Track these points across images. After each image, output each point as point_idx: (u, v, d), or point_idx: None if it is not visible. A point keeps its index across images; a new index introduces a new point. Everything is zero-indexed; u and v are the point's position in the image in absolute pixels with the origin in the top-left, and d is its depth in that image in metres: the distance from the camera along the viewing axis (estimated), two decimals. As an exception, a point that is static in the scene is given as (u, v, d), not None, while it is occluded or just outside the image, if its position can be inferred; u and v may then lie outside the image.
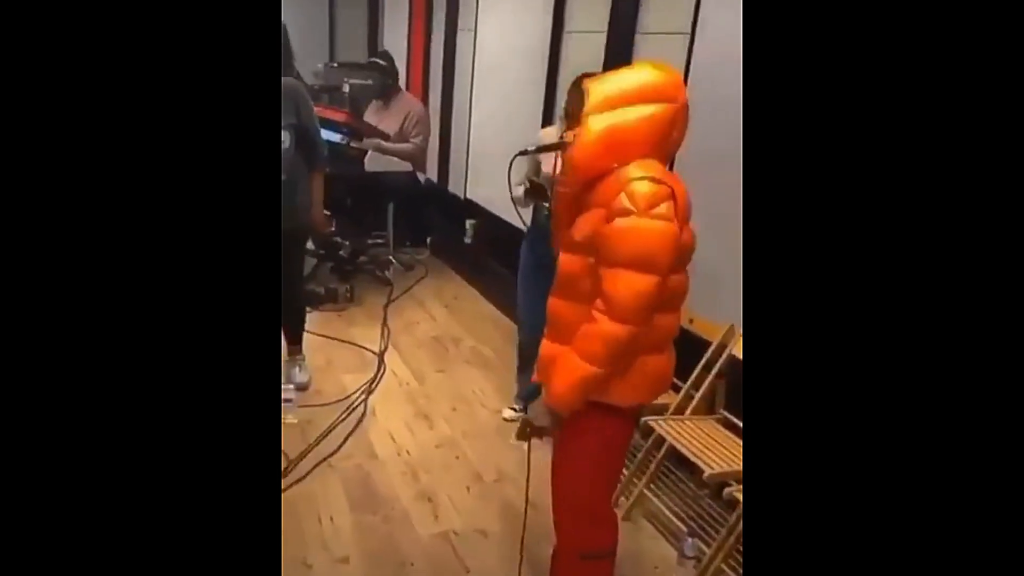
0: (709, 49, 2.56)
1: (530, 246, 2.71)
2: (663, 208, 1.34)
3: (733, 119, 2.31)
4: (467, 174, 4.94)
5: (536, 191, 2.26)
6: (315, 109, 2.93)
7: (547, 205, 2.25)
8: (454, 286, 4.57)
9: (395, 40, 5.86)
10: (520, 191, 2.31)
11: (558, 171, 1.60)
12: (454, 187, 5.15)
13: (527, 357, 2.94)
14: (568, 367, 1.45)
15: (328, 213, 4.28)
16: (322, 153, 2.94)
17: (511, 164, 1.56)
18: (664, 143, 1.42)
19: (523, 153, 1.58)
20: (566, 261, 1.52)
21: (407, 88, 5.22)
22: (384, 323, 3.84)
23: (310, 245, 3.45)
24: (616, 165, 1.39)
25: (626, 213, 1.34)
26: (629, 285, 1.35)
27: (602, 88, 1.40)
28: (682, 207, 1.39)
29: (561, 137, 1.55)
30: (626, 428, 1.64)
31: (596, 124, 1.38)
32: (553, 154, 1.64)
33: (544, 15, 3.71)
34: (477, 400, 3.14)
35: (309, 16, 6.26)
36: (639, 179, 1.35)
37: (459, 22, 4.86)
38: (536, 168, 2.50)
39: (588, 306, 1.45)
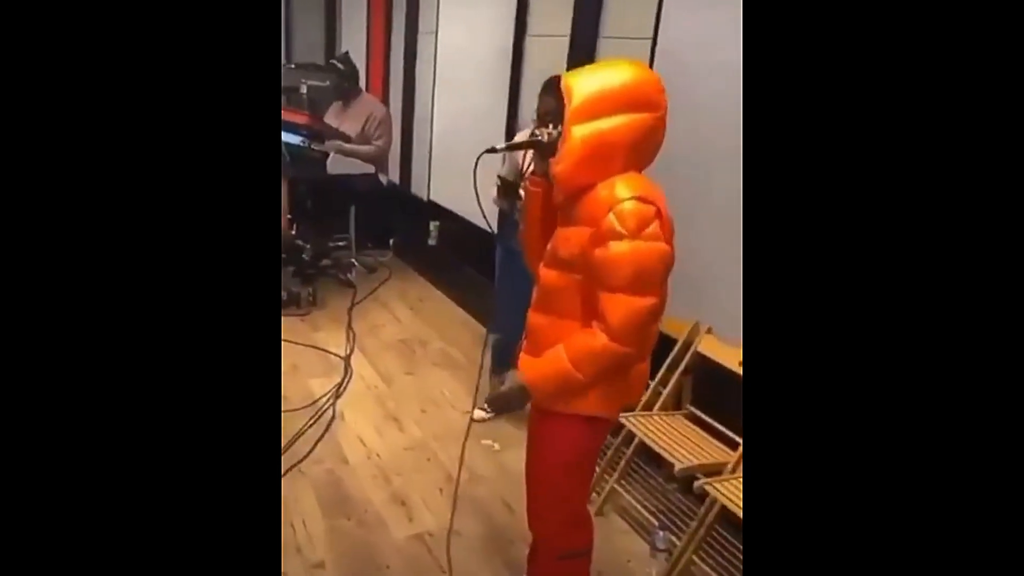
0: (671, 53, 2.62)
1: (504, 245, 2.72)
2: (653, 228, 1.33)
3: (695, 122, 2.38)
4: (430, 176, 4.94)
5: (508, 189, 2.26)
6: (276, 111, 2.89)
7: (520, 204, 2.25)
8: (419, 288, 4.56)
9: (354, 43, 5.81)
10: (492, 191, 2.31)
11: (528, 169, 1.60)
12: (416, 189, 5.14)
13: (500, 358, 2.95)
14: (554, 362, 1.46)
15: (289, 216, 4.22)
16: (282, 156, 2.91)
17: (477, 162, 1.52)
18: (645, 152, 1.41)
19: (491, 151, 1.55)
20: (547, 276, 1.50)
21: (367, 90, 5.18)
22: (349, 326, 3.81)
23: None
24: (600, 178, 1.37)
25: (618, 237, 1.33)
26: (630, 309, 1.35)
27: (584, 88, 1.35)
28: (667, 224, 1.38)
29: (533, 134, 1.51)
30: (605, 432, 1.67)
31: (579, 133, 1.34)
32: (531, 152, 1.61)
33: (506, 18, 3.74)
34: (447, 402, 3.14)
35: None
36: (627, 199, 1.33)
37: (420, 25, 4.85)
38: (514, 169, 2.50)
39: (571, 321, 1.45)
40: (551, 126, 1.45)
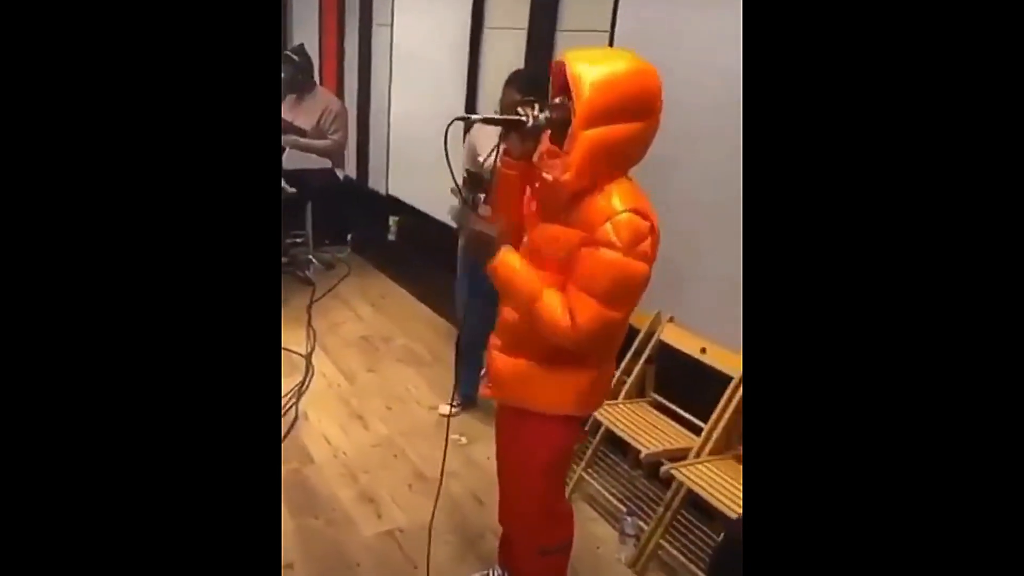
0: (627, 47, 2.64)
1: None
2: (645, 246, 1.34)
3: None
4: (388, 170, 4.89)
5: (474, 181, 2.24)
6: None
7: (484, 196, 2.23)
8: (379, 284, 4.52)
9: (305, 36, 5.70)
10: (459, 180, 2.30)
11: (503, 149, 1.52)
12: (374, 183, 5.09)
13: (466, 352, 2.94)
14: (529, 284, 1.42)
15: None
16: None
17: (447, 131, 1.43)
18: (639, 154, 1.42)
19: (462, 119, 1.51)
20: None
21: (320, 83, 5.10)
22: (309, 324, 3.75)
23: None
24: (599, 181, 1.36)
25: (611, 246, 1.33)
26: (597, 317, 1.36)
27: (594, 84, 1.29)
28: (657, 239, 1.39)
29: (516, 112, 1.43)
30: (579, 428, 1.70)
31: (591, 136, 1.31)
32: (492, 140, 1.54)
33: (463, 10, 3.72)
34: (412, 398, 3.12)
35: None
36: (623, 212, 1.33)
37: (374, 17, 4.79)
38: (472, 160, 2.49)
39: None
40: (536, 108, 1.41)
